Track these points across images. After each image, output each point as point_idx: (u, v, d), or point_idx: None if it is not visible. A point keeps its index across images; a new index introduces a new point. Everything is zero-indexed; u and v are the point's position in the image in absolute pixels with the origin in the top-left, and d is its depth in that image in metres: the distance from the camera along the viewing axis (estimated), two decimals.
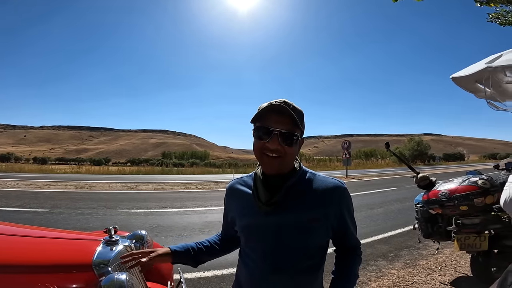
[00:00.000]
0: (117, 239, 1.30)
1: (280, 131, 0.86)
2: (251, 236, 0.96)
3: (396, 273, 3.40)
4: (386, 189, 11.58)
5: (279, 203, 0.90)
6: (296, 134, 0.89)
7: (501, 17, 4.67)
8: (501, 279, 0.69)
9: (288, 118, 0.87)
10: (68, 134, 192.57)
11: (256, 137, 0.91)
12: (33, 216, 6.26)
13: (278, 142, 0.87)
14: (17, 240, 1.30)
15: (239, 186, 1.03)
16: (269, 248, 0.92)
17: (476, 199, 2.51)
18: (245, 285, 0.99)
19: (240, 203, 1.00)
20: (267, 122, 0.88)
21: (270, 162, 0.90)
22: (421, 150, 51.42)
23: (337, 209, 0.95)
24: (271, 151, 0.88)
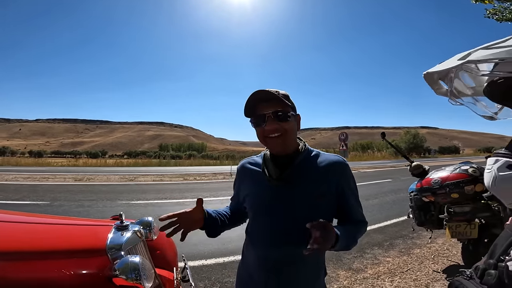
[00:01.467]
0: (128, 225, 1.37)
1: (271, 112, 0.96)
2: (261, 211, 1.03)
3: (391, 261, 3.52)
4: (382, 180, 11.75)
5: (288, 178, 0.98)
6: (285, 110, 0.97)
7: (498, 13, 4.73)
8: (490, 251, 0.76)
9: (273, 100, 0.96)
10: (63, 127, 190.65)
11: (255, 126, 1.01)
12: (33, 209, 6.29)
13: (274, 122, 0.96)
14: (31, 227, 1.36)
15: (250, 165, 1.10)
16: (278, 222, 0.98)
17: (467, 187, 2.61)
18: (254, 260, 1.04)
19: (251, 181, 1.07)
20: (258, 110, 0.98)
21: (274, 142, 0.99)
22: (417, 143, 51.83)
23: (338, 183, 1.01)
24: (272, 132, 0.97)
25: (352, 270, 3.24)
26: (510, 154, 1.37)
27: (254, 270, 1.04)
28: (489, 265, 0.69)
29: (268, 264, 1.00)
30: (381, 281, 2.98)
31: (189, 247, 3.87)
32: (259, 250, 1.03)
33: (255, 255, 1.04)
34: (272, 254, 0.99)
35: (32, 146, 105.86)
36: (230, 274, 3.13)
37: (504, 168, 1.34)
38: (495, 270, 0.69)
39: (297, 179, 0.98)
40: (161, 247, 1.78)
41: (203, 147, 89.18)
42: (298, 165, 1.00)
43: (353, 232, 1.01)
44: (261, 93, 0.96)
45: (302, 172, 0.99)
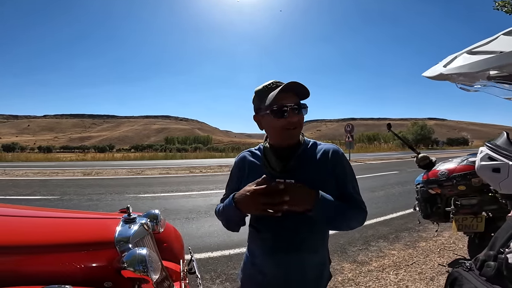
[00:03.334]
0: (135, 217, 1.40)
1: (293, 105, 0.98)
2: None
3: (396, 253, 3.52)
4: (388, 172, 11.67)
5: (290, 171, 1.00)
6: (304, 104, 1.02)
7: (507, 5, 4.64)
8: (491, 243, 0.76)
9: (294, 92, 0.99)
10: (71, 122, 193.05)
11: (276, 117, 0.98)
12: (44, 204, 6.43)
13: (295, 114, 0.98)
14: (43, 221, 1.40)
15: (250, 157, 1.11)
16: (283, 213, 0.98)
17: (474, 179, 2.57)
18: (260, 252, 1.06)
19: (250, 174, 1.06)
20: (280, 101, 0.97)
21: (292, 134, 1.01)
22: (424, 134, 51.14)
23: (335, 170, 1.02)
24: (293, 124, 0.98)
25: (357, 263, 3.25)
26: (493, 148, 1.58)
27: (260, 261, 1.06)
28: (489, 256, 0.69)
29: (275, 254, 1.01)
30: (385, 274, 2.99)
31: (195, 239, 3.94)
32: (265, 241, 1.04)
33: (261, 246, 1.06)
34: (279, 244, 1.01)
35: (41, 142, 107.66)
36: (235, 266, 3.18)
37: (486, 159, 1.59)
38: (494, 262, 0.70)
39: (299, 170, 1.00)
40: (168, 239, 1.81)
41: (208, 140, 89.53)
42: (298, 156, 1.02)
43: (343, 209, 0.96)
44: (290, 85, 0.96)
45: (302, 163, 1.02)
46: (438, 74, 1.15)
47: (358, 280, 2.87)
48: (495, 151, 1.58)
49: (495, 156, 1.56)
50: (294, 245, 1.01)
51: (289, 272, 1.01)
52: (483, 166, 1.60)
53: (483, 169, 1.59)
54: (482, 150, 1.67)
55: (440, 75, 1.13)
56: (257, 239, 1.09)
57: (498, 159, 1.54)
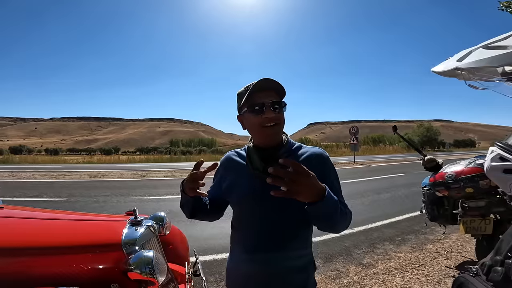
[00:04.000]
0: (141, 220, 1.41)
1: (270, 102, 0.97)
2: (245, 205, 1.05)
3: (402, 256, 3.49)
4: (394, 174, 11.57)
5: None
6: (283, 101, 1.01)
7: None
8: (496, 247, 0.75)
9: (271, 90, 0.99)
10: (77, 124, 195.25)
11: (252, 114, 0.99)
12: (51, 205, 6.50)
13: (272, 111, 0.97)
14: (52, 223, 1.42)
15: (235, 157, 1.12)
16: (262, 214, 1.00)
17: (482, 181, 2.55)
18: (241, 253, 1.06)
19: (234, 174, 1.08)
20: (257, 99, 0.98)
21: (271, 132, 0.99)
22: (430, 136, 50.57)
23: (322, 175, 0.97)
24: (270, 120, 0.97)
25: (363, 265, 3.23)
26: (505, 148, 1.50)
27: (242, 262, 1.06)
28: (496, 261, 0.68)
29: (255, 255, 1.01)
30: (392, 276, 2.96)
31: (200, 242, 3.94)
32: (246, 241, 1.04)
33: (242, 247, 1.06)
34: (259, 244, 1.01)
35: (48, 144, 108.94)
36: None
37: (497, 159, 1.51)
38: (501, 267, 0.69)
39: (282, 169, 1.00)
40: (173, 242, 1.82)
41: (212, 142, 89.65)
42: (281, 156, 1.01)
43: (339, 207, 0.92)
44: (263, 82, 0.97)
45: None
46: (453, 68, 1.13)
47: (363, 283, 2.84)
48: (508, 151, 1.49)
49: (507, 156, 1.47)
50: (275, 248, 0.99)
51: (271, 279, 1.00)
52: (494, 167, 1.51)
53: (494, 170, 1.51)
54: (493, 150, 1.57)
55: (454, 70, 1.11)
56: (236, 240, 1.09)
57: (511, 159, 1.46)
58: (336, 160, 22.01)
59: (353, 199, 6.88)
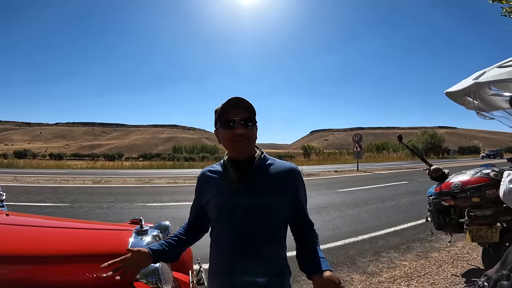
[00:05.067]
0: (147, 229, 1.42)
1: (240, 119, 1.05)
2: (222, 214, 1.08)
3: (408, 264, 3.45)
4: (398, 182, 11.50)
5: (248, 180, 1.05)
6: (252, 118, 1.08)
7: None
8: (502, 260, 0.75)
9: (242, 108, 1.06)
10: (82, 130, 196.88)
11: (223, 129, 1.07)
12: (55, 211, 6.53)
13: (241, 127, 1.04)
14: (56, 231, 1.43)
15: (210, 172, 1.17)
16: (238, 223, 1.04)
17: (488, 191, 2.55)
18: (217, 259, 1.10)
19: (212, 187, 1.13)
20: (228, 115, 1.06)
21: (240, 146, 1.06)
22: (434, 143, 50.31)
23: (293, 188, 1.10)
24: (239, 136, 1.04)
25: (367, 274, 3.19)
26: None
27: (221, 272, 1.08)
28: (502, 276, 0.67)
29: (232, 263, 1.04)
30: (397, 285, 2.93)
31: (204, 250, 3.89)
32: (222, 249, 1.08)
33: (220, 256, 1.09)
34: (233, 252, 1.04)
35: (53, 149, 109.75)
36: None
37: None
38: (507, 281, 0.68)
39: (255, 181, 1.06)
40: None
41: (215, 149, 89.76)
42: (256, 168, 1.07)
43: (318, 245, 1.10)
44: (235, 100, 1.05)
45: (259, 176, 1.07)
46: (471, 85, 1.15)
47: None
48: None
49: None
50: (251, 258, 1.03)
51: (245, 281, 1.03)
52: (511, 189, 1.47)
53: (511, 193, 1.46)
54: (510, 173, 1.55)
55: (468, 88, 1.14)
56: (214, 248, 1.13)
57: None
58: (339, 168, 21.93)
59: (358, 207, 6.83)
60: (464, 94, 1.26)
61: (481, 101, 1.16)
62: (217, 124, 1.11)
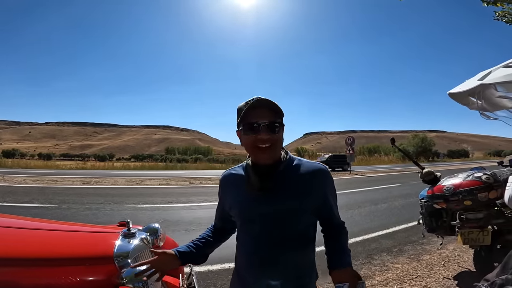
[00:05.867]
0: (135, 232, 1.37)
1: (265, 123, 0.95)
2: (246, 220, 1.04)
3: (400, 267, 3.45)
4: (390, 185, 11.59)
5: (271, 188, 0.98)
6: (278, 121, 0.98)
7: (507, 15, 4.62)
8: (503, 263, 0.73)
9: (267, 110, 0.97)
10: (73, 130, 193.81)
11: (246, 134, 0.98)
12: (42, 212, 6.37)
13: (266, 132, 0.95)
14: (39, 234, 1.36)
15: (231, 176, 1.11)
16: (259, 232, 1.00)
17: (480, 194, 2.56)
18: (243, 264, 1.06)
19: (233, 192, 1.08)
20: (252, 118, 0.96)
21: (264, 152, 0.98)
22: (425, 146, 51.06)
23: (321, 190, 1.04)
24: (263, 142, 0.95)
25: None
26: None
27: (246, 273, 1.06)
28: (507, 280, 0.65)
29: (256, 268, 1.01)
30: None
31: None
32: (248, 253, 1.04)
33: (245, 261, 1.06)
34: (259, 257, 1.01)
35: (42, 149, 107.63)
36: None
37: None
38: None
39: (278, 188, 0.99)
40: None
41: (209, 151, 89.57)
42: (280, 174, 1.01)
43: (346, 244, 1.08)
44: (260, 101, 0.95)
45: (284, 181, 1.00)
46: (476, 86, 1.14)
47: None
48: None
49: None
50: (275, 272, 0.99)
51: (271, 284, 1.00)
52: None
53: None
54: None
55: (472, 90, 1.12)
56: (239, 252, 1.10)
57: None
58: (331, 171, 22.05)
59: (351, 210, 6.84)
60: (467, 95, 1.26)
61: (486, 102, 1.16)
62: (239, 126, 1.01)
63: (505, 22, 4.67)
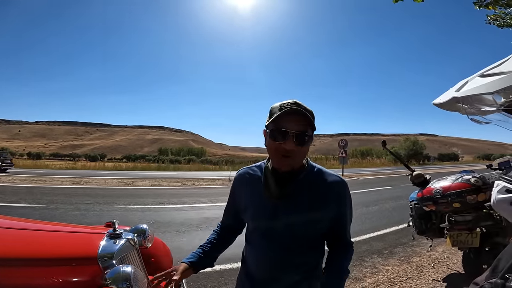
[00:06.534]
0: (121, 233, 1.33)
1: (295, 133, 0.90)
2: (260, 223, 1.02)
3: (390, 269, 3.47)
4: (382, 187, 11.71)
5: (288, 196, 0.96)
6: (308, 134, 0.93)
7: (499, 19, 4.66)
8: (493, 266, 0.72)
9: (302, 119, 0.91)
10: (64, 129, 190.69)
11: (271, 138, 0.94)
12: (29, 212, 6.24)
13: (293, 142, 0.91)
14: (21, 233, 1.32)
15: (249, 175, 1.08)
16: (277, 235, 0.99)
17: (469, 196, 2.59)
18: (253, 266, 1.06)
19: (249, 192, 1.05)
20: (283, 124, 0.91)
21: (285, 161, 0.95)
22: (416, 150, 51.73)
23: (339, 204, 1.01)
24: (287, 152, 0.91)
25: (351, 279, 3.18)
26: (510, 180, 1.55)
27: (255, 274, 1.05)
28: (496, 285, 0.65)
29: (267, 270, 1.01)
30: None
31: (186, 254, 3.77)
32: (259, 256, 1.04)
33: (254, 263, 1.06)
34: (270, 261, 1.00)
35: (31, 148, 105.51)
36: (226, 282, 3.07)
37: (503, 192, 1.56)
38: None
39: (297, 196, 0.97)
40: (156, 254, 1.74)
41: (202, 152, 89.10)
42: (299, 182, 0.98)
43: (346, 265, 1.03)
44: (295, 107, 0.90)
45: (302, 190, 0.98)
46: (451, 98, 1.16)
47: None
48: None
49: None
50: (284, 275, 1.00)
51: None
52: (501, 199, 1.56)
53: (501, 203, 1.56)
54: (499, 183, 1.62)
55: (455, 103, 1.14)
56: (249, 253, 1.09)
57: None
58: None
59: None
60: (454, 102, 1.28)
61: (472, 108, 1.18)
62: (268, 127, 0.96)
63: (496, 26, 4.73)
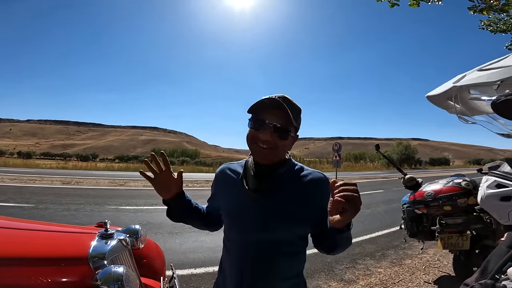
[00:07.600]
0: (112, 233, 1.31)
1: (274, 124, 0.90)
2: (236, 220, 0.98)
3: (383, 271, 3.49)
4: (374, 191, 11.80)
5: (266, 191, 0.94)
6: (288, 129, 0.92)
7: (493, 24, 4.67)
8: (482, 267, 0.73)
9: (283, 113, 0.90)
10: (55, 128, 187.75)
11: (250, 127, 0.94)
12: (18, 211, 6.10)
13: (270, 134, 0.90)
14: (10, 233, 1.29)
15: (229, 171, 1.06)
16: (253, 232, 0.94)
17: (459, 200, 2.64)
18: (229, 269, 0.99)
19: (228, 188, 1.03)
20: (263, 114, 0.91)
21: (260, 152, 0.93)
22: (408, 154, 52.42)
23: (320, 201, 0.94)
24: (263, 142, 0.91)
25: (344, 281, 3.19)
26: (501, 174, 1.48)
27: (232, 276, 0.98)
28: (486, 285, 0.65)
29: (243, 276, 0.94)
30: None
31: (178, 255, 3.78)
32: (234, 258, 0.98)
33: (231, 264, 0.99)
34: (246, 263, 0.94)
35: (22, 147, 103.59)
36: None
37: (493, 187, 1.47)
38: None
39: (275, 191, 0.94)
40: (148, 255, 1.72)
41: (196, 154, 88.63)
42: (278, 177, 0.96)
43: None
44: (278, 100, 0.89)
45: (281, 185, 0.95)
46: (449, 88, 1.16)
47: None
48: (505, 177, 1.43)
49: (506, 183, 1.42)
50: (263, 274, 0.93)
51: None
52: (490, 194, 1.45)
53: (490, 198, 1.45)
54: (488, 178, 1.51)
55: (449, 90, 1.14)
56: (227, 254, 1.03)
57: (510, 185, 1.40)
58: None
59: None
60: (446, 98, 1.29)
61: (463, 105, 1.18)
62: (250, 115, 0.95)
63: (490, 31, 4.72)
